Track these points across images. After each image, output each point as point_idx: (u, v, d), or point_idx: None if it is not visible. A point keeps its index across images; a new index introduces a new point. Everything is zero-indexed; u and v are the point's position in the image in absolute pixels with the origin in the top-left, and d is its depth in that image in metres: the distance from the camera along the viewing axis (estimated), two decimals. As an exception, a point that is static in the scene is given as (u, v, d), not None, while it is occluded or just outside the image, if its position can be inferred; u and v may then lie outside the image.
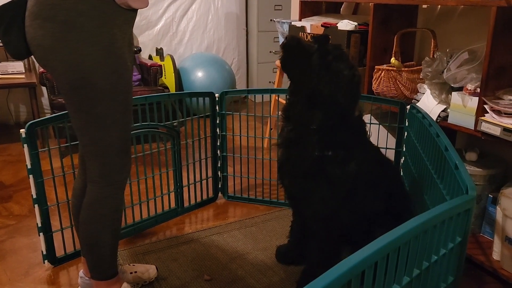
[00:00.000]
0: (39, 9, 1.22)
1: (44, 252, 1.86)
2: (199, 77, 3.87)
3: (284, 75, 3.29)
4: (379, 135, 2.16)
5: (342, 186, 1.52)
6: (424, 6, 2.31)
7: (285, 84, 3.66)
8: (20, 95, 3.86)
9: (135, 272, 1.73)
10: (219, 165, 2.44)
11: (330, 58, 1.46)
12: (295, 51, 1.49)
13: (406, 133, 2.03)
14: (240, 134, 2.40)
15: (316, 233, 1.61)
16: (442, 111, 1.93)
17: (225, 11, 4.42)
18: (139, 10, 1.38)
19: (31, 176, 1.72)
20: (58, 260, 1.90)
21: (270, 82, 4.59)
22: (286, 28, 2.91)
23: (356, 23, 2.40)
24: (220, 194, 2.51)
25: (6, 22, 1.28)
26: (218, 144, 2.39)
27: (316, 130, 1.50)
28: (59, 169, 1.87)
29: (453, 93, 1.86)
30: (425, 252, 1.01)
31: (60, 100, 3.04)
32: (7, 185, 2.68)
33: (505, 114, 1.67)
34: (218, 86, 3.79)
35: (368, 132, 1.63)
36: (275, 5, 4.42)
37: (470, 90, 1.80)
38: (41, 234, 1.81)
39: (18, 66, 3.40)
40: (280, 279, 1.79)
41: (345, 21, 2.43)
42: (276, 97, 3.01)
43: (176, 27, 4.27)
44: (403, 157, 2.08)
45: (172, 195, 2.31)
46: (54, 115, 1.78)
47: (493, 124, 1.68)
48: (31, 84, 3.21)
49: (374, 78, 2.25)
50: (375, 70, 2.24)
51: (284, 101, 2.94)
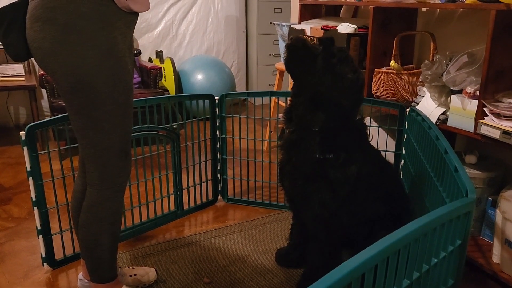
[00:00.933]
0: (39, 11, 1.22)
1: (43, 255, 1.86)
2: (199, 79, 3.87)
3: (284, 78, 3.31)
4: (378, 137, 2.16)
5: (343, 189, 1.52)
6: (424, 9, 2.32)
7: (284, 87, 3.69)
8: (20, 97, 3.86)
9: (135, 275, 1.73)
10: (218, 168, 2.44)
11: (334, 61, 1.46)
12: (300, 52, 1.48)
13: (405, 136, 2.03)
14: (240, 136, 2.40)
15: (316, 236, 1.61)
16: (442, 114, 1.94)
17: (225, 14, 4.43)
18: (140, 13, 1.38)
19: (30, 179, 1.72)
20: (57, 263, 1.90)
21: (269, 84, 4.60)
22: (285, 31, 2.92)
23: (355, 26, 2.41)
24: (219, 196, 2.51)
25: (6, 24, 1.28)
26: (218, 146, 2.39)
27: (318, 132, 1.50)
28: (59, 172, 1.87)
29: (453, 96, 1.87)
30: (425, 254, 1.01)
31: (60, 102, 3.04)
32: (6, 188, 2.68)
33: (504, 117, 1.67)
34: (218, 88, 3.80)
35: (369, 136, 1.63)
36: (274, 8, 4.43)
37: (470, 93, 1.80)
38: (40, 236, 1.81)
39: (18, 69, 3.40)
40: (279, 282, 1.79)
41: (345, 24, 2.43)
42: (276, 100, 3.01)
43: (176, 30, 4.27)
44: (402, 160, 2.08)
45: (172, 198, 2.31)
46: (54, 117, 1.78)
47: (492, 127, 1.68)
48: (31, 86, 3.22)
49: (373, 81, 2.25)
50: (375, 73, 2.24)
51: (283, 104, 2.95)
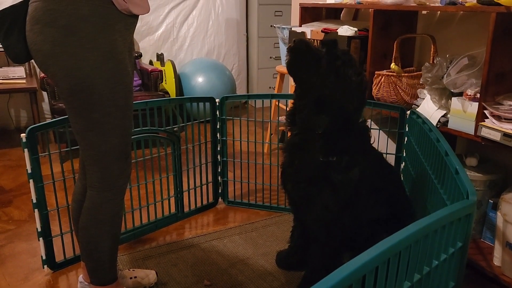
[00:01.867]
0: (39, 14, 1.22)
1: (44, 257, 1.85)
2: (200, 82, 3.88)
3: (285, 81, 3.31)
4: (379, 140, 2.16)
5: (345, 191, 1.52)
6: (424, 12, 2.32)
7: (285, 90, 3.69)
8: (21, 100, 3.86)
9: (135, 277, 1.73)
10: (219, 170, 2.44)
11: (338, 63, 1.46)
12: (303, 55, 1.48)
13: (406, 138, 2.03)
14: (241, 139, 2.40)
15: (318, 239, 1.61)
16: (442, 116, 1.93)
17: (225, 17, 4.44)
18: (140, 16, 1.38)
19: (31, 181, 1.72)
20: (58, 265, 1.90)
21: (270, 87, 4.60)
22: (286, 33, 2.92)
23: (356, 29, 2.41)
24: (220, 199, 2.51)
25: (6, 26, 1.28)
26: (219, 149, 2.39)
27: (321, 135, 1.50)
28: (60, 174, 1.87)
29: (453, 98, 1.87)
30: (426, 257, 1.01)
31: (60, 105, 3.04)
32: (7, 190, 2.68)
33: (505, 119, 1.67)
34: (219, 91, 3.80)
35: (372, 138, 1.63)
36: (275, 11, 4.44)
37: (470, 95, 1.80)
38: (40, 239, 1.81)
39: (19, 71, 3.40)
40: (280, 285, 1.78)
41: (345, 26, 2.44)
42: (277, 103, 3.01)
43: (177, 33, 4.28)
44: (403, 162, 2.08)
45: (172, 200, 2.31)
46: (54, 119, 1.78)
47: (493, 129, 1.68)
48: (31, 89, 3.22)
49: (374, 83, 2.25)
50: (375, 75, 2.24)
51: (284, 107, 2.95)
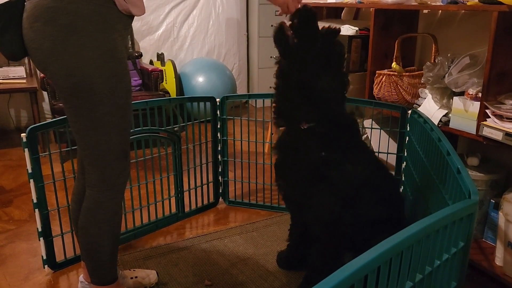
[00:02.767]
0: (39, 11, 1.21)
1: (44, 257, 1.85)
2: (200, 82, 3.87)
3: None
4: (380, 140, 2.15)
5: (343, 189, 1.51)
6: (425, 11, 2.31)
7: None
8: (21, 100, 3.86)
9: (136, 277, 1.73)
10: (220, 170, 2.44)
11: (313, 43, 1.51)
12: (278, 38, 1.55)
13: (407, 138, 2.03)
14: (241, 138, 2.39)
15: (319, 239, 1.60)
16: (444, 116, 1.93)
17: (226, 17, 4.43)
18: (141, 16, 1.39)
19: (31, 181, 1.72)
20: (58, 265, 1.89)
21: (270, 87, 4.55)
22: (287, 33, 2.91)
23: (357, 28, 2.41)
24: (221, 199, 2.51)
25: (2, 23, 1.26)
26: (219, 148, 2.39)
27: (308, 130, 1.50)
28: (60, 174, 1.86)
29: (455, 98, 1.86)
30: (428, 257, 1.01)
31: (61, 104, 3.03)
32: (7, 190, 2.68)
33: (506, 118, 1.67)
34: (219, 91, 3.80)
35: (364, 132, 1.63)
36: (276, 11, 4.43)
37: (472, 94, 1.80)
38: (41, 239, 1.81)
39: (19, 71, 3.40)
40: (281, 285, 1.78)
41: (346, 26, 2.43)
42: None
43: (177, 33, 4.28)
44: (404, 162, 2.08)
45: (173, 200, 2.31)
46: (55, 119, 1.77)
47: (494, 129, 1.68)
48: (32, 89, 3.22)
49: (375, 83, 2.25)
50: (376, 75, 2.24)
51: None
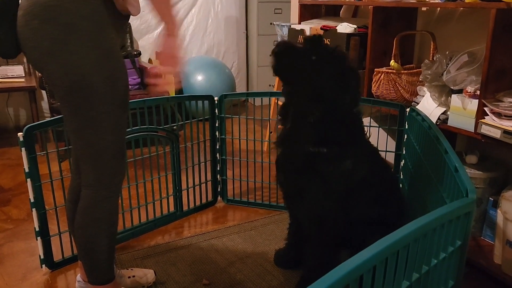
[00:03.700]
0: (37, 9, 1.19)
1: (42, 257, 1.85)
2: (199, 80, 3.86)
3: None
4: (378, 138, 2.15)
5: (336, 185, 1.50)
6: (424, 8, 2.31)
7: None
8: (20, 99, 3.86)
9: (133, 276, 1.72)
10: (218, 169, 2.43)
11: (326, 59, 1.45)
12: (287, 57, 1.47)
13: (406, 136, 2.02)
14: (240, 137, 2.39)
15: (311, 237, 1.59)
16: (442, 113, 1.92)
17: (225, 15, 4.42)
18: (140, 14, 1.39)
19: (28, 180, 1.72)
20: (56, 265, 1.89)
21: (270, 85, 4.59)
22: (285, 31, 2.91)
23: (355, 26, 2.40)
24: (219, 197, 2.50)
25: None
26: (218, 147, 2.38)
27: (312, 125, 1.49)
28: (58, 173, 1.86)
29: (453, 95, 1.86)
30: (425, 255, 1.00)
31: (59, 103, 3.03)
32: (5, 189, 2.67)
33: (505, 116, 1.66)
34: (218, 89, 3.79)
35: (367, 131, 1.62)
36: (274, 9, 4.43)
37: (470, 92, 1.79)
38: (38, 238, 1.80)
39: (17, 70, 3.39)
40: (279, 283, 1.77)
41: (345, 24, 2.42)
42: (276, 100, 3.00)
43: (176, 31, 4.27)
44: (403, 160, 2.07)
45: (171, 199, 2.30)
46: (52, 118, 1.77)
47: (493, 126, 1.67)
48: (30, 88, 3.21)
49: (373, 81, 2.24)
50: (375, 72, 2.23)
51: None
